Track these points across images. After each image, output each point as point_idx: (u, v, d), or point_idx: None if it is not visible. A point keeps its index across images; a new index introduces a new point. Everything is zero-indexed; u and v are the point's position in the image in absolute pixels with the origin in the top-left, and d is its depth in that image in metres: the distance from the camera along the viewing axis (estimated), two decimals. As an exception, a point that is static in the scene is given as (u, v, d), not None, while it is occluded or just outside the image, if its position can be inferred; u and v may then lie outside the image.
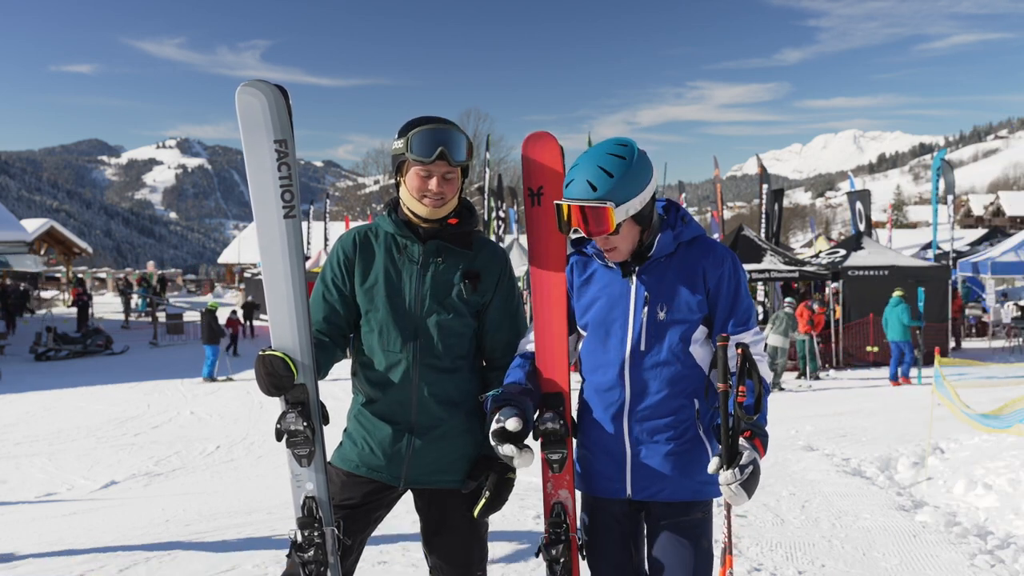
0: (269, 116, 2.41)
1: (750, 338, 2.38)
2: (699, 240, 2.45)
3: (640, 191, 2.32)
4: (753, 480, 2.17)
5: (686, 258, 2.41)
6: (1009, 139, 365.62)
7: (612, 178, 2.28)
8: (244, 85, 2.41)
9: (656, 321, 2.37)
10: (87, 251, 40.50)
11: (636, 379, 2.39)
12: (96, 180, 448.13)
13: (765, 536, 5.33)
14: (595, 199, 2.28)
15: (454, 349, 2.58)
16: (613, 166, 2.30)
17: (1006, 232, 33.31)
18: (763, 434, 2.26)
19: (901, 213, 78.81)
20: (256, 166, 2.44)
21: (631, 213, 2.31)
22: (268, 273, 2.49)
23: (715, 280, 2.39)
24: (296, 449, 2.46)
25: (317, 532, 2.45)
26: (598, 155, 2.33)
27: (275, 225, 2.47)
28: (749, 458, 2.17)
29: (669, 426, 2.38)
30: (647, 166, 2.36)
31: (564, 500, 2.53)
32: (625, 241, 2.37)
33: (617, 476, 2.43)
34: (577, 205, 2.30)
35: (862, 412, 11.21)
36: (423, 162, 2.43)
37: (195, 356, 18.60)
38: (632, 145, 2.37)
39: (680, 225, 2.43)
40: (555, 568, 2.47)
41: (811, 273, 17.06)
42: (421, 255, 2.57)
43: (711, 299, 2.40)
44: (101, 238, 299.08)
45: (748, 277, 2.64)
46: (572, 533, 2.51)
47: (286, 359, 2.41)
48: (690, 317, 2.38)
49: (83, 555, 5.12)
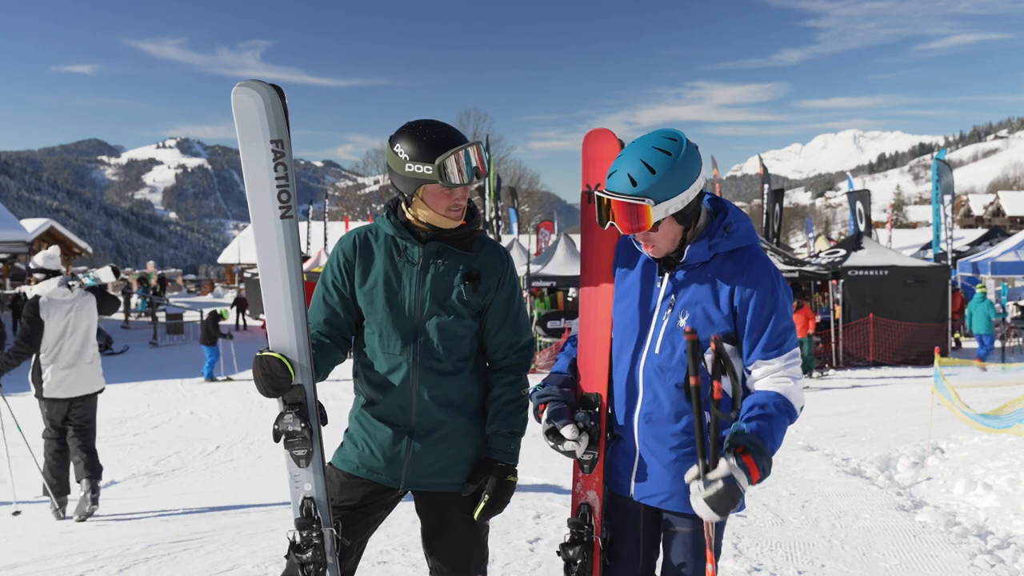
0: (265, 116, 2.40)
1: (780, 364, 2.26)
2: (740, 252, 2.30)
3: (683, 190, 2.20)
4: (722, 498, 2.03)
5: (720, 270, 2.29)
6: (1009, 139, 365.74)
7: (654, 174, 2.17)
8: (240, 85, 2.40)
9: (675, 327, 2.31)
10: (87, 251, 40.50)
11: (648, 381, 2.35)
12: (96, 180, 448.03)
13: (765, 536, 5.34)
14: (634, 195, 2.18)
15: (455, 351, 2.57)
16: (657, 161, 2.19)
17: (1006, 232, 33.29)
18: (758, 452, 2.11)
19: (901, 213, 78.88)
20: (252, 166, 2.43)
21: (671, 212, 2.20)
22: (265, 274, 2.48)
23: (744, 300, 2.26)
24: (294, 450, 2.46)
25: (315, 533, 2.45)
26: (644, 147, 2.22)
27: (272, 226, 2.46)
28: (720, 473, 2.04)
29: (675, 435, 2.31)
30: (693, 163, 2.23)
31: (592, 502, 2.49)
32: (664, 239, 2.28)
33: (626, 474, 2.41)
34: (630, 201, 2.19)
35: (862, 412, 11.20)
36: (457, 186, 2.43)
37: (195, 356, 18.58)
38: (681, 139, 2.25)
39: (721, 235, 2.29)
40: (572, 568, 2.45)
41: (811, 273, 17.06)
42: (421, 257, 2.55)
43: (739, 319, 2.28)
44: (101, 238, 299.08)
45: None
46: (596, 535, 2.47)
47: (283, 360, 2.40)
48: (707, 331, 2.25)
49: (83, 555, 5.12)
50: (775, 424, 2.20)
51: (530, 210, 52.04)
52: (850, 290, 16.72)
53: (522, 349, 2.68)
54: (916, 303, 16.64)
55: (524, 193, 48.75)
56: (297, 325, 2.46)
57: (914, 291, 16.76)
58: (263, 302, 2.49)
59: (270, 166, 2.43)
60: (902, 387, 14.13)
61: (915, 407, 10.84)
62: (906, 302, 16.53)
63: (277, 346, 2.47)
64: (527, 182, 56.38)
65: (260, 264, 2.48)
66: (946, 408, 7.51)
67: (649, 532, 2.46)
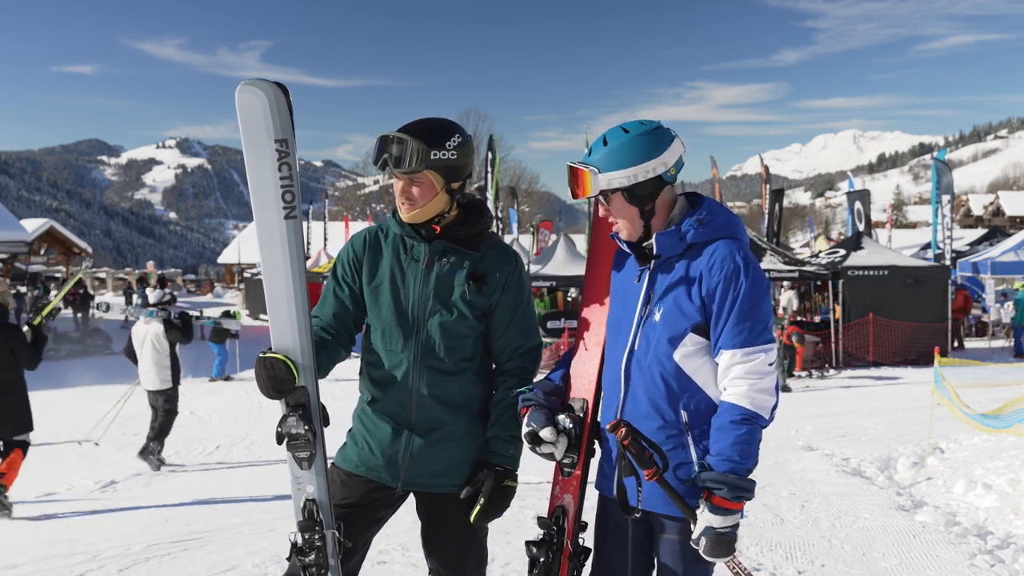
0: (270, 115, 2.37)
1: (741, 356, 2.21)
2: (713, 244, 2.30)
3: (629, 165, 2.28)
4: (716, 547, 2.14)
5: (692, 262, 2.31)
6: (1009, 139, 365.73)
7: (605, 146, 2.31)
8: (244, 83, 2.37)
9: (651, 322, 2.33)
10: (87, 251, 40.46)
11: (629, 379, 2.36)
12: (96, 180, 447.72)
13: (765, 536, 5.33)
14: (583, 162, 2.33)
15: (457, 351, 2.56)
16: (614, 137, 2.32)
17: (1006, 232, 33.29)
18: (720, 485, 2.13)
19: (901, 213, 78.87)
20: (256, 166, 2.41)
21: (615, 185, 2.30)
22: (268, 274, 2.46)
23: (711, 289, 2.25)
24: (297, 452, 2.45)
25: (318, 535, 2.44)
26: (616, 127, 2.35)
27: (275, 226, 2.44)
28: (699, 530, 2.16)
29: (652, 432, 2.29)
30: (650, 145, 2.29)
31: (567, 505, 2.51)
32: (621, 216, 2.36)
33: (611, 476, 2.40)
34: (574, 166, 2.35)
35: (862, 412, 11.20)
36: (379, 169, 2.49)
37: (195, 356, 18.57)
38: (647, 124, 2.33)
39: (693, 226, 2.31)
40: (535, 568, 2.46)
41: (811, 273, 17.06)
42: (426, 255, 2.55)
43: (707, 309, 2.27)
44: (101, 238, 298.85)
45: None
46: (567, 539, 2.47)
47: (287, 362, 2.40)
48: (680, 323, 2.28)
49: (83, 555, 5.12)
50: (740, 442, 2.18)
51: (530, 210, 51.99)
52: (850, 290, 16.72)
53: (528, 352, 2.67)
54: (916, 303, 16.63)
55: (524, 193, 48.70)
56: (301, 326, 2.45)
57: (914, 291, 16.74)
58: (266, 303, 2.47)
59: (274, 166, 2.41)
60: (902, 387, 14.12)
61: (915, 407, 10.83)
62: (906, 302, 16.52)
63: (280, 347, 2.45)
64: (527, 182, 56.34)
65: (263, 264, 2.46)
66: (946, 408, 7.50)
67: (638, 536, 2.43)
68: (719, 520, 2.13)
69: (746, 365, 2.22)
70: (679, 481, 2.28)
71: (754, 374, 2.21)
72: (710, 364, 2.30)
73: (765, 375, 2.22)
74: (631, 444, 2.20)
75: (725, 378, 2.26)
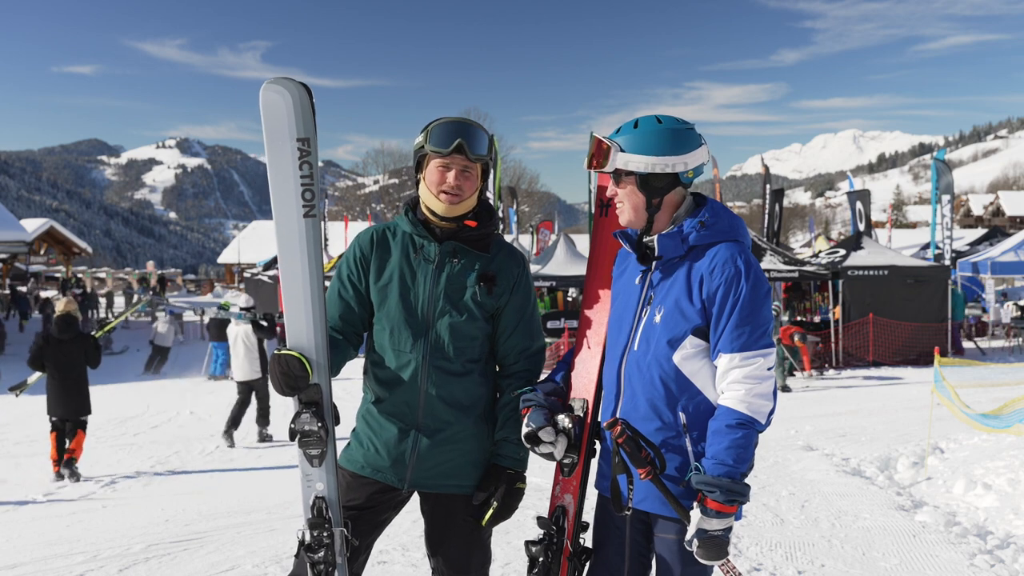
0: (293, 114, 2.39)
1: (739, 359, 2.21)
2: (715, 247, 2.30)
3: (650, 153, 2.30)
4: (708, 550, 2.14)
5: (694, 264, 2.31)
6: (1009, 139, 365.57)
7: (635, 129, 2.33)
8: (269, 82, 2.39)
9: (651, 323, 2.33)
10: (87, 251, 40.45)
11: (627, 379, 2.36)
12: (96, 180, 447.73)
13: (765, 536, 5.34)
14: (610, 137, 2.35)
15: (465, 352, 2.56)
16: (646, 123, 2.35)
17: (1006, 232, 33.28)
18: (713, 488, 2.14)
19: (901, 213, 78.84)
20: (277, 164, 2.43)
21: (631, 167, 2.31)
22: (285, 272, 2.48)
23: (711, 292, 2.25)
24: (308, 449, 2.45)
25: (327, 533, 2.44)
26: (651, 116, 2.38)
27: (294, 224, 2.45)
28: (691, 532, 2.16)
29: (650, 433, 2.29)
30: (677, 142, 2.32)
31: (567, 505, 2.51)
32: (627, 200, 2.36)
33: (610, 474, 2.39)
34: (599, 139, 2.36)
35: (862, 412, 11.20)
36: (441, 153, 2.45)
37: (195, 356, 18.59)
38: (680, 123, 2.36)
39: (695, 228, 2.31)
40: (534, 568, 2.46)
41: (811, 273, 17.05)
42: (437, 255, 2.55)
43: (707, 312, 2.26)
44: (101, 238, 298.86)
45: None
46: (567, 539, 2.47)
47: (301, 359, 2.40)
48: (680, 325, 2.27)
49: (83, 555, 5.12)
50: (735, 446, 2.17)
51: (530, 210, 51.99)
52: (850, 290, 16.71)
53: (534, 355, 2.67)
54: (916, 303, 16.62)
55: (524, 193, 48.68)
56: (316, 323, 2.46)
57: (914, 291, 16.74)
58: (282, 300, 2.48)
59: (295, 164, 2.42)
60: (902, 387, 14.12)
61: (915, 407, 10.84)
62: (906, 302, 16.51)
63: (295, 344, 2.46)
64: (527, 182, 56.32)
65: (281, 261, 2.47)
66: (946, 408, 7.50)
67: (635, 537, 2.43)
68: (712, 523, 2.13)
69: (744, 369, 2.21)
70: (676, 482, 2.28)
71: (752, 379, 2.21)
72: (709, 367, 2.29)
73: (763, 380, 2.21)
74: (626, 442, 2.20)
75: (723, 382, 2.25)
